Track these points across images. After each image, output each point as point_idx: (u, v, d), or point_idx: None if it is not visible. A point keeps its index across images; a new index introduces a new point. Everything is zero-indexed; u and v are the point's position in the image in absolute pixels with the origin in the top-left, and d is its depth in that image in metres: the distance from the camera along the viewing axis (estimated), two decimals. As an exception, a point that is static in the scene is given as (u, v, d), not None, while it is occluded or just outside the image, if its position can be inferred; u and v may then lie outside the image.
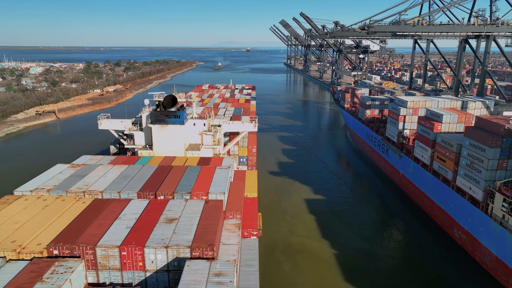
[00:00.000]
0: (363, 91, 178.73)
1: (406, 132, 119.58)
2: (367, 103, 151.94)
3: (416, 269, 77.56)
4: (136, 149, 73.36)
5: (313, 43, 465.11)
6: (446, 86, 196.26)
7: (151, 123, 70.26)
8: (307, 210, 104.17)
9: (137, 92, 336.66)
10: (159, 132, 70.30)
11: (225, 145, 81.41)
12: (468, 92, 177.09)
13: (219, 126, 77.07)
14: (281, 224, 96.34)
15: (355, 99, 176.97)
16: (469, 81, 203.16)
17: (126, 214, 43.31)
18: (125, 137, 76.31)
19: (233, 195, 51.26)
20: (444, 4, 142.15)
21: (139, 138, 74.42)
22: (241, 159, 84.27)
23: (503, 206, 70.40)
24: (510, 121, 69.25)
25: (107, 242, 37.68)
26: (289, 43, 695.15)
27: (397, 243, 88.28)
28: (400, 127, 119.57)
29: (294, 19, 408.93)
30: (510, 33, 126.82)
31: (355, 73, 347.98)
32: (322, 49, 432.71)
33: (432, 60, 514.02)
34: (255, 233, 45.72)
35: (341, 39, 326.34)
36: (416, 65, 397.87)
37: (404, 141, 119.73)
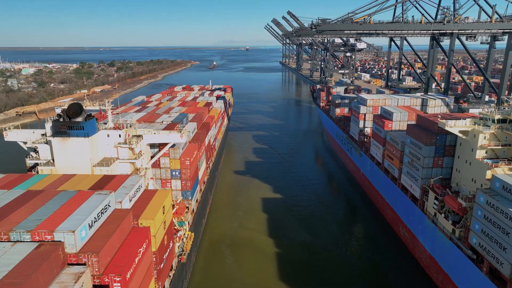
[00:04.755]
0: (338, 89, 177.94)
1: (367, 131, 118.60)
2: (337, 102, 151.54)
3: (355, 266, 77.71)
4: (40, 164, 64.88)
5: (304, 41, 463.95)
6: (424, 84, 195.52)
7: (52, 135, 62.38)
8: (262, 206, 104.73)
9: (124, 92, 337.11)
10: (60, 146, 62.05)
11: (153, 157, 73.83)
12: (442, 89, 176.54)
13: (139, 137, 69.14)
14: (232, 219, 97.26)
15: (330, 98, 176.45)
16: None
17: None
18: (38, 148, 67.33)
19: (104, 229, 40.83)
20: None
21: (44, 151, 65.66)
22: (174, 173, 75.71)
23: (434, 203, 70.55)
24: (439, 119, 69.04)
25: None
26: (284, 42, 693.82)
27: (343, 240, 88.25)
28: (361, 125, 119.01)
29: (284, 17, 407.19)
30: (458, 31, 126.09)
31: (343, 71, 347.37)
32: (314, 47, 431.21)
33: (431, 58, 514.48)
34: (118, 279, 36.20)
35: (330, 38, 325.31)
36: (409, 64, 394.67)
37: (365, 139, 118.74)
